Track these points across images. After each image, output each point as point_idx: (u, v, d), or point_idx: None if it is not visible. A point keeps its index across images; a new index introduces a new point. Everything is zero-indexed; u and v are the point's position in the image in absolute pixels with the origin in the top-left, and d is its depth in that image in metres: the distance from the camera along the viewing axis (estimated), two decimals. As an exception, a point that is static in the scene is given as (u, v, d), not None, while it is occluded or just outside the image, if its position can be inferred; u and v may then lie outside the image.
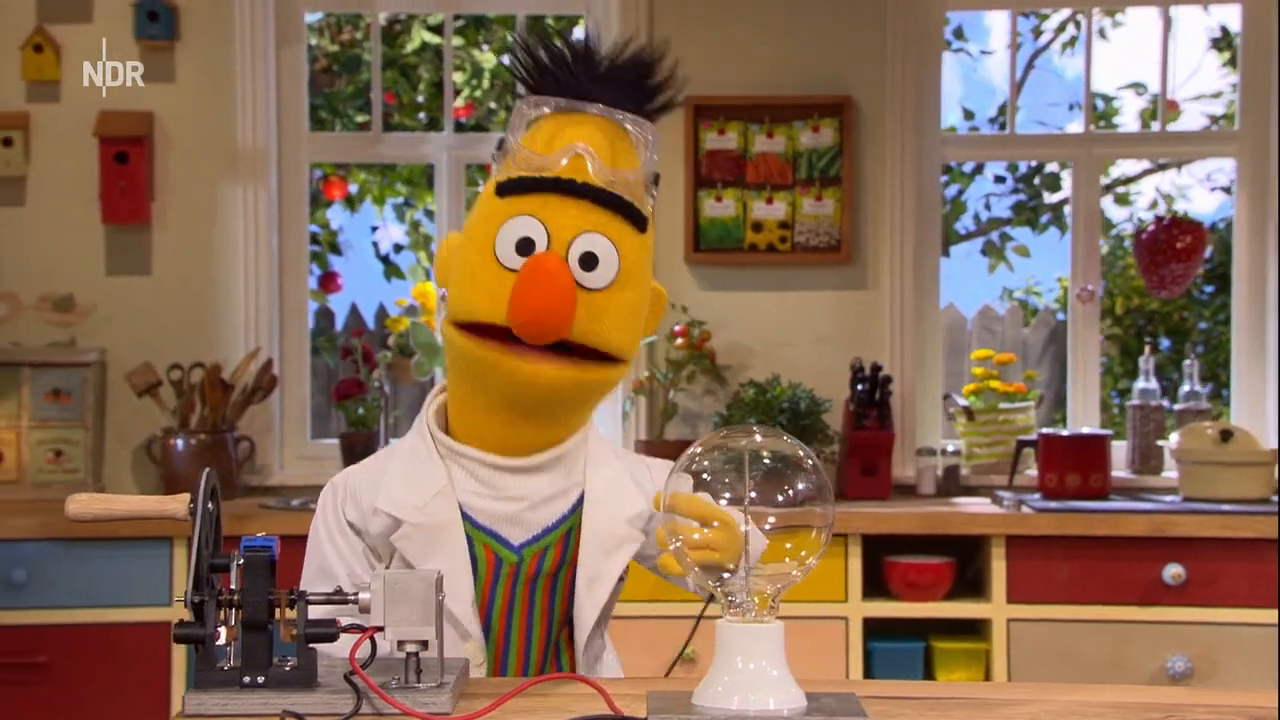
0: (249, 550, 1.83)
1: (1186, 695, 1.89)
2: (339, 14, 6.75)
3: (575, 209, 2.11)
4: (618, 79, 2.19)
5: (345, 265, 7.98)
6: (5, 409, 4.63)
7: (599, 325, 2.13)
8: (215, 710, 1.78)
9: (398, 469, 2.22)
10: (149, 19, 4.78)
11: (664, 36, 2.27)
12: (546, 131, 2.17)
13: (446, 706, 1.79)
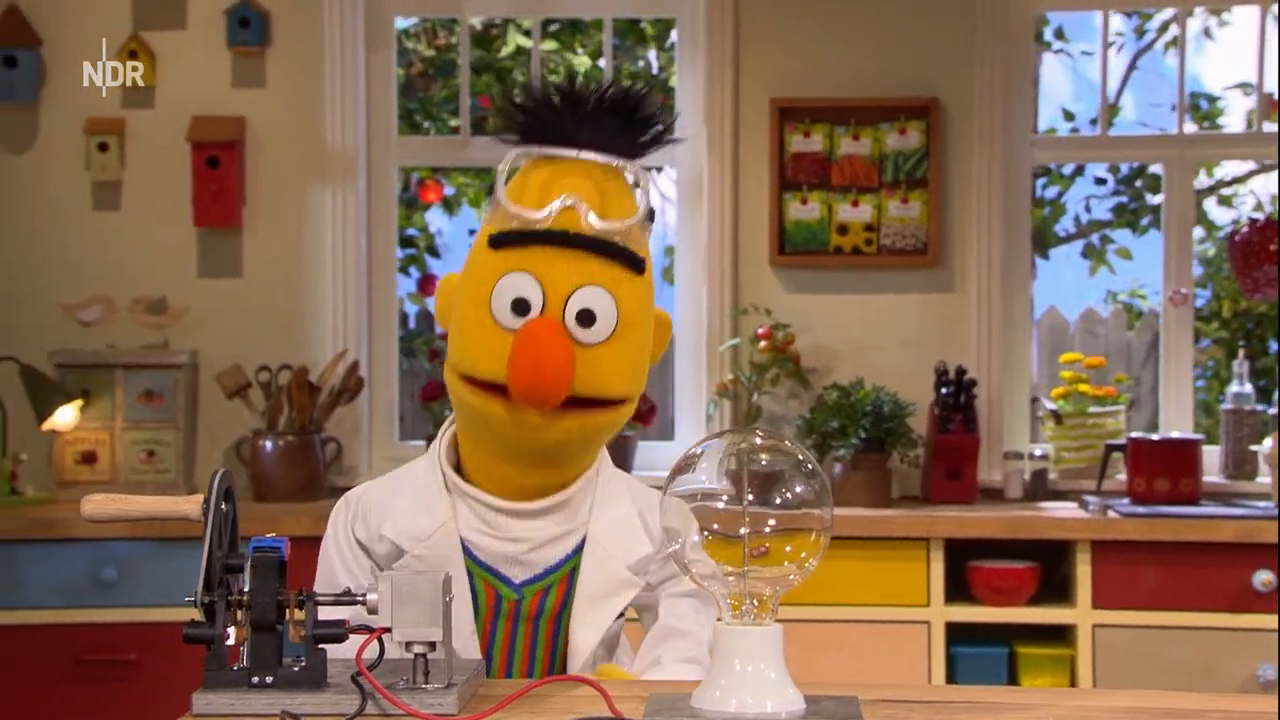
0: (258, 551, 1.84)
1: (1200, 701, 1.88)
2: (434, 19, 6.82)
3: (569, 261, 2.11)
4: (605, 117, 2.17)
5: (444, 268, 8.05)
6: (99, 410, 4.73)
7: (599, 378, 2.14)
8: (223, 710, 1.81)
9: (406, 497, 2.24)
10: (240, 25, 4.87)
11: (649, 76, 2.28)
12: (536, 182, 2.16)
13: (453, 708, 1.80)
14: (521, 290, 2.11)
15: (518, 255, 2.11)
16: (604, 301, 2.12)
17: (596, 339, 2.12)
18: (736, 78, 4.96)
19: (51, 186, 4.92)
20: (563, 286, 2.11)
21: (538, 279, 2.11)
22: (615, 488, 2.28)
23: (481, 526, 2.21)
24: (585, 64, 7.06)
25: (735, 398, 4.89)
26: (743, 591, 1.77)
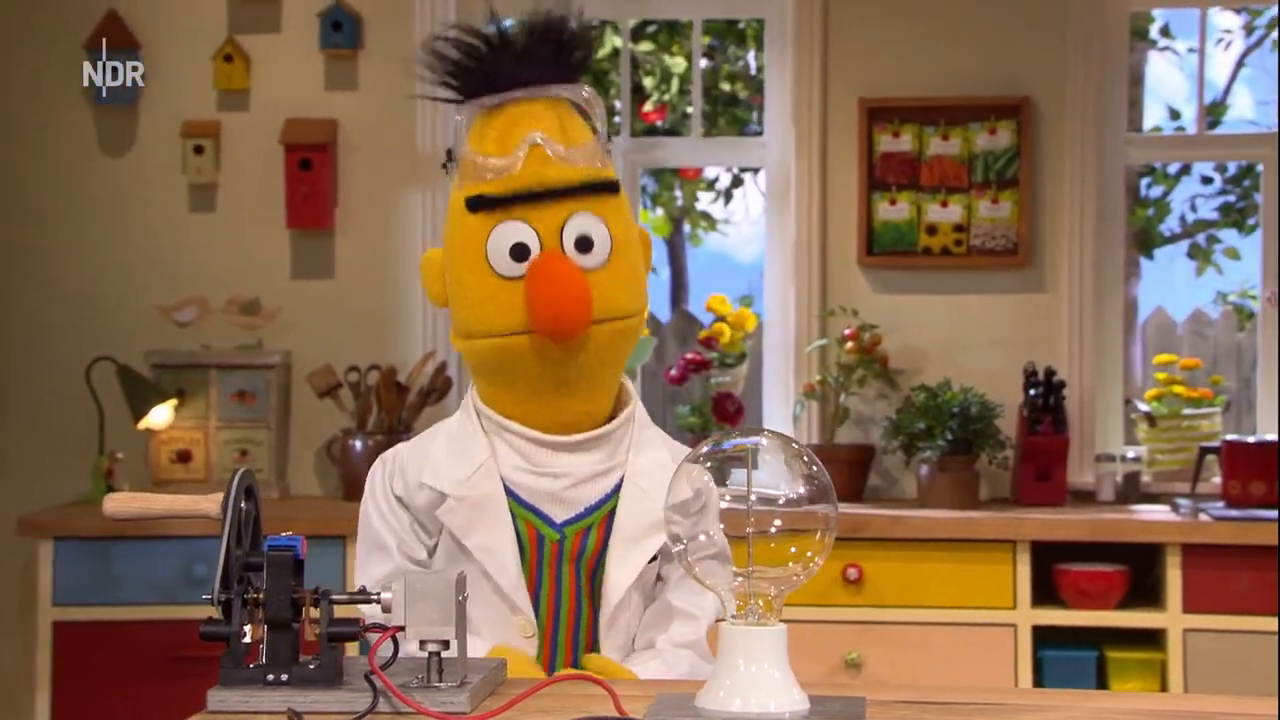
0: (272, 549, 1.87)
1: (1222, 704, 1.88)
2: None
3: (551, 202, 2.17)
4: (538, 51, 2.22)
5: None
6: (194, 409, 4.82)
7: (609, 299, 2.19)
8: (238, 707, 1.83)
9: (443, 445, 2.27)
10: (333, 28, 4.94)
11: None
12: (495, 130, 2.20)
13: (465, 706, 1.81)
14: (516, 236, 2.16)
15: (502, 211, 2.17)
16: (597, 227, 2.19)
17: (597, 262, 2.19)
18: (825, 78, 4.97)
19: (149, 189, 5.02)
20: (553, 221, 2.17)
21: (527, 222, 2.16)
22: (651, 433, 2.31)
23: (521, 463, 2.23)
24: (681, 65, 7.10)
25: (822, 399, 4.90)
26: (747, 592, 1.78)
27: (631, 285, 2.24)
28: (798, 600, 4.43)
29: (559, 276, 2.13)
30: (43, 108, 5.03)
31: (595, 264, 2.18)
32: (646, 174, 7.67)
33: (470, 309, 2.21)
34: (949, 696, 1.95)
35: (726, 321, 5.07)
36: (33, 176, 5.04)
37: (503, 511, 2.22)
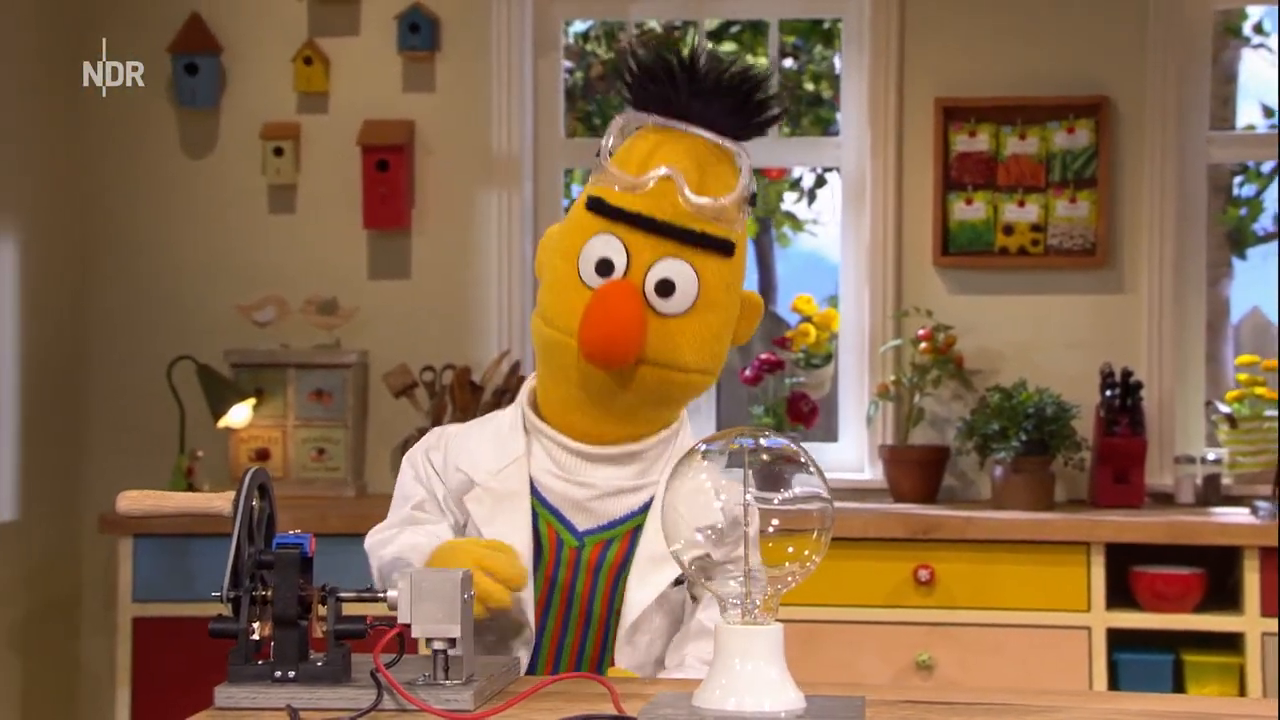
0: (280, 547, 1.89)
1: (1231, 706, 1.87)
2: (612, 22, 6.91)
3: (658, 237, 2.16)
4: (720, 95, 2.19)
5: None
6: (272, 408, 4.89)
7: (672, 348, 2.18)
8: (244, 703, 1.85)
9: (489, 434, 2.31)
10: (411, 31, 4.99)
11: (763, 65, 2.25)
12: (641, 150, 2.20)
13: (469, 704, 1.82)
14: (607, 251, 2.17)
15: (609, 223, 2.18)
16: (686, 275, 2.17)
17: (675, 310, 2.17)
18: (901, 78, 4.96)
19: (229, 190, 5.09)
20: (648, 255, 2.16)
21: (625, 243, 2.16)
22: None
23: (552, 468, 2.25)
24: (763, 65, 7.10)
25: (897, 399, 4.89)
26: (744, 591, 1.79)
27: (702, 345, 2.21)
28: (869, 601, 4.44)
29: (615, 307, 2.13)
30: (127, 111, 5.12)
31: (672, 311, 2.17)
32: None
33: (551, 293, 2.24)
34: (956, 696, 1.95)
35: (812, 322, 5.08)
36: (117, 179, 5.13)
37: (524, 509, 2.24)
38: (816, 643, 4.40)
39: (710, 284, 2.19)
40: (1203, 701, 1.89)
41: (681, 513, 1.82)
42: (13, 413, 4.86)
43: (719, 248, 2.19)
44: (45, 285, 5.00)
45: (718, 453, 1.85)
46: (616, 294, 2.14)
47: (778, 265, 9.09)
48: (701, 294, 2.18)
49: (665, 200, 2.17)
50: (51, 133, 5.04)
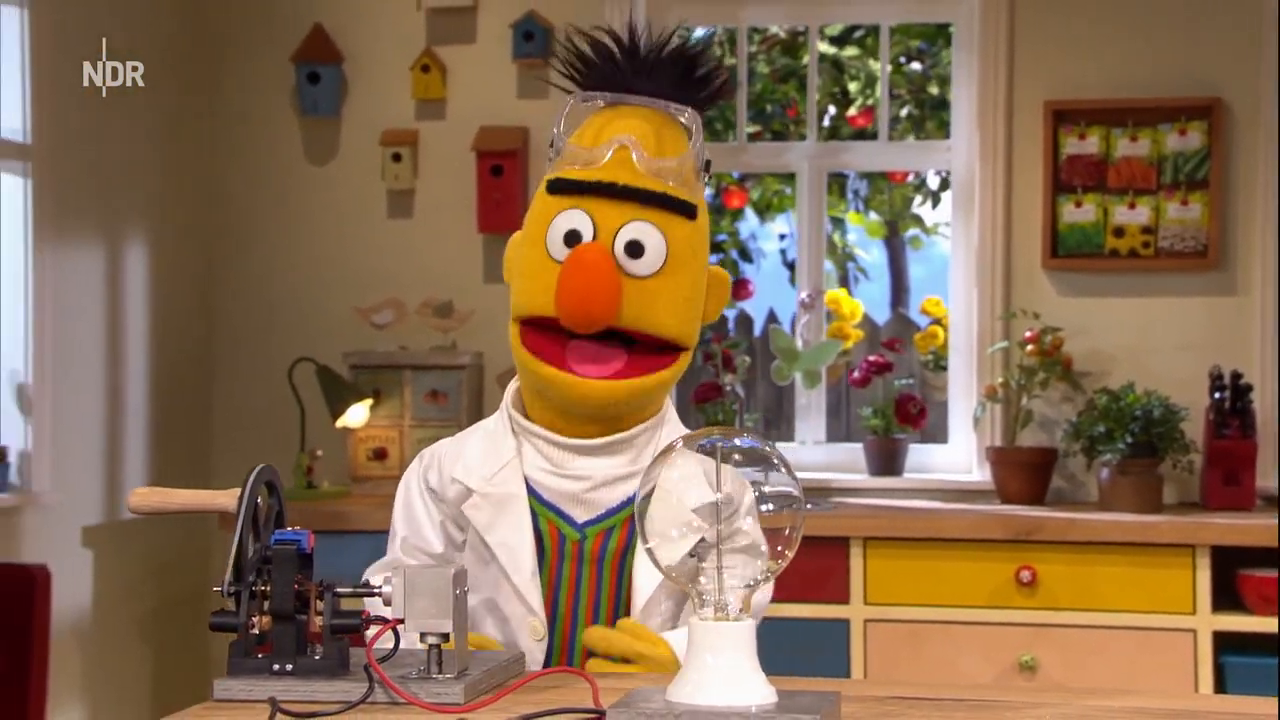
0: (278, 543, 1.91)
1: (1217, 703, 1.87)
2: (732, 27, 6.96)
3: (621, 203, 2.18)
4: (663, 70, 2.24)
5: (755, 272, 8.18)
6: (389, 408, 5.00)
7: (650, 311, 2.18)
8: (241, 695, 1.87)
9: (476, 443, 2.32)
10: (525, 39, 5.08)
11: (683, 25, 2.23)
12: (594, 126, 2.24)
13: (459, 697, 1.84)
14: (573, 223, 2.19)
15: (572, 199, 2.20)
16: (654, 236, 2.19)
17: (646, 270, 2.18)
18: (1010, 81, 4.96)
19: (350, 196, 5.21)
20: (614, 220, 2.18)
21: (589, 213, 2.18)
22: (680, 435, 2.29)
23: (545, 464, 2.26)
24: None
25: (1006, 402, 4.89)
26: (717, 587, 1.80)
27: (678, 309, 2.22)
28: (971, 601, 4.43)
29: (588, 265, 2.15)
30: (253, 119, 5.27)
31: (642, 271, 2.19)
32: (860, 178, 7.71)
33: (521, 284, 2.25)
34: (935, 693, 1.97)
35: (941, 324, 5.10)
36: (242, 185, 5.27)
37: (523, 510, 2.25)
38: (920, 642, 4.42)
39: (677, 246, 2.21)
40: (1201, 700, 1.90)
41: (676, 496, 1.85)
42: (143, 412, 5.03)
43: (681, 209, 2.22)
44: (174, 288, 5.16)
45: (693, 451, 1.87)
46: (588, 254, 2.16)
47: (911, 268, 9.09)
48: (670, 255, 2.20)
49: (624, 168, 2.20)
50: (181, 140, 5.19)
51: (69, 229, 4.72)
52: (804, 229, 5.24)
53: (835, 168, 5.34)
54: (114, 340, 4.93)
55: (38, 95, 4.58)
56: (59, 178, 4.66)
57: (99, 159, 4.83)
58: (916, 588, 4.44)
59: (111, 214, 4.93)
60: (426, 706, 1.82)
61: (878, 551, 4.44)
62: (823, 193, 5.21)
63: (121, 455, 4.95)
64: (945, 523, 4.49)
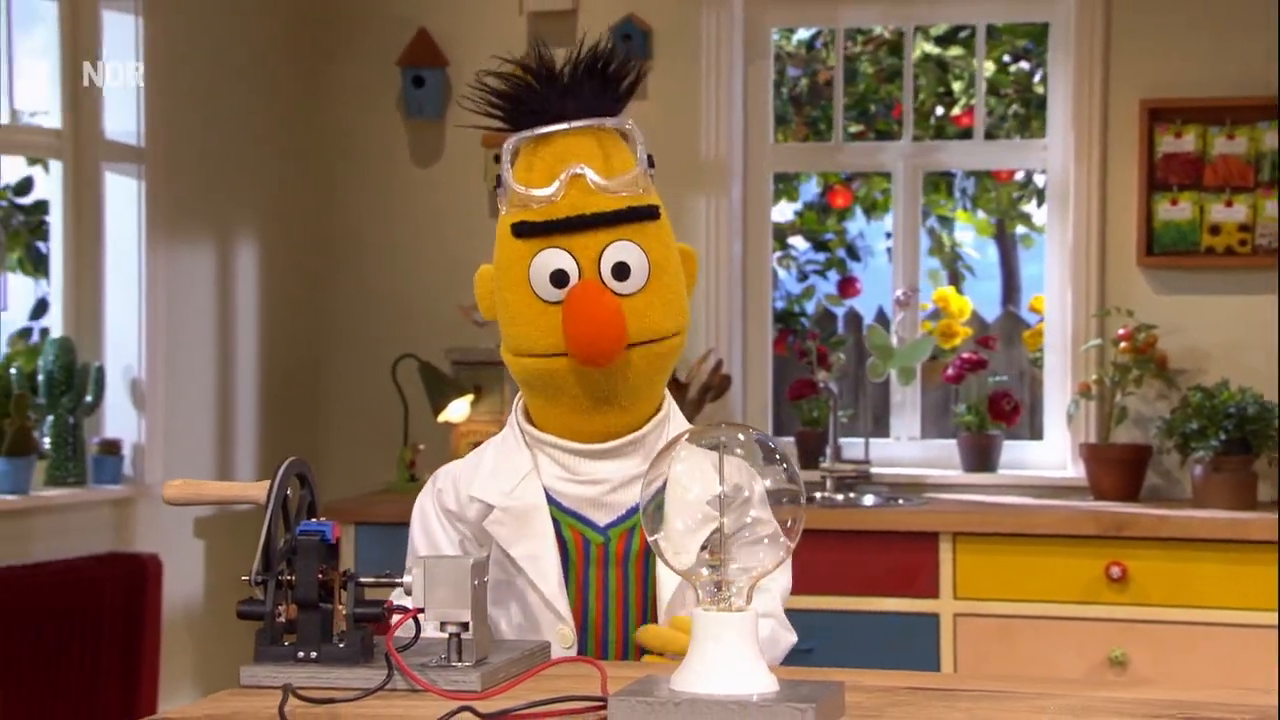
0: (302, 534, 1.96)
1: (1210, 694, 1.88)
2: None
3: (591, 231, 2.22)
4: (583, 85, 2.28)
5: (864, 271, 8.18)
6: (489, 404, 5.07)
7: (647, 322, 2.24)
8: (266, 681, 1.92)
9: (490, 460, 2.35)
10: (624, 40, 5.14)
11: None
12: (542, 161, 2.26)
13: (476, 685, 1.88)
14: (556, 264, 2.22)
15: (544, 239, 2.23)
16: (633, 253, 2.23)
17: (634, 288, 2.23)
18: (1106, 80, 4.94)
19: (453, 197, 5.30)
20: (592, 250, 2.22)
21: (567, 250, 2.22)
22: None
23: (561, 473, 2.29)
24: (990, 69, 7.09)
25: (1101, 399, 4.88)
26: (720, 579, 1.83)
27: (669, 307, 2.28)
28: (1062, 597, 4.43)
29: (593, 306, 2.19)
30: (359, 122, 5.37)
31: (632, 289, 2.23)
32: (966, 176, 7.69)
33: (515, 327, 2.29)
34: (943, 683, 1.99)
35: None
36: (348, 187, 5.38)
37: (545, 521, 2.28)
38: (1010, 637, 4.42)
39: (654, 251, 2.26)
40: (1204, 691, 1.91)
41: (688, 487, 1.87)
42: (252, 406, 5.14)
43: (647, 215, 2.26)
44: (282, 286, 5.27)
45: (698, 445, 1.90)
46: (586, 294, 2.20)
47: (1025, 267, 9.03)
48: (652, 264, 2.25)
49: (583, 195, 2.24)
50: (289, 143, 5.30)
51: (181, 229, 4.85)
52: (899, 228, 5.26)
53: (930, 167, 5.35)
54: (224, 336, 5.05)
55: (150, 100, 4.71)
56: (171, 180, 4.78)
57: (210, 161, 4.95)
58: (1007, 583, 4.44)
59: (222, 214, 5.05)
60: (442, 694, 1.85)
61: (968, 547, 4.45)
62: (918, 191, 5.22)
63: (232, 448, 5.07)
64: (1035, 518, 4.49)
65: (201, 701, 1.91)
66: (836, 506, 4.81)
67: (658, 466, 1.89)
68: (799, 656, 4.43)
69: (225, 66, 5.05)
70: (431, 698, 1.85)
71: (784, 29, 6.36)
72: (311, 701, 1.85)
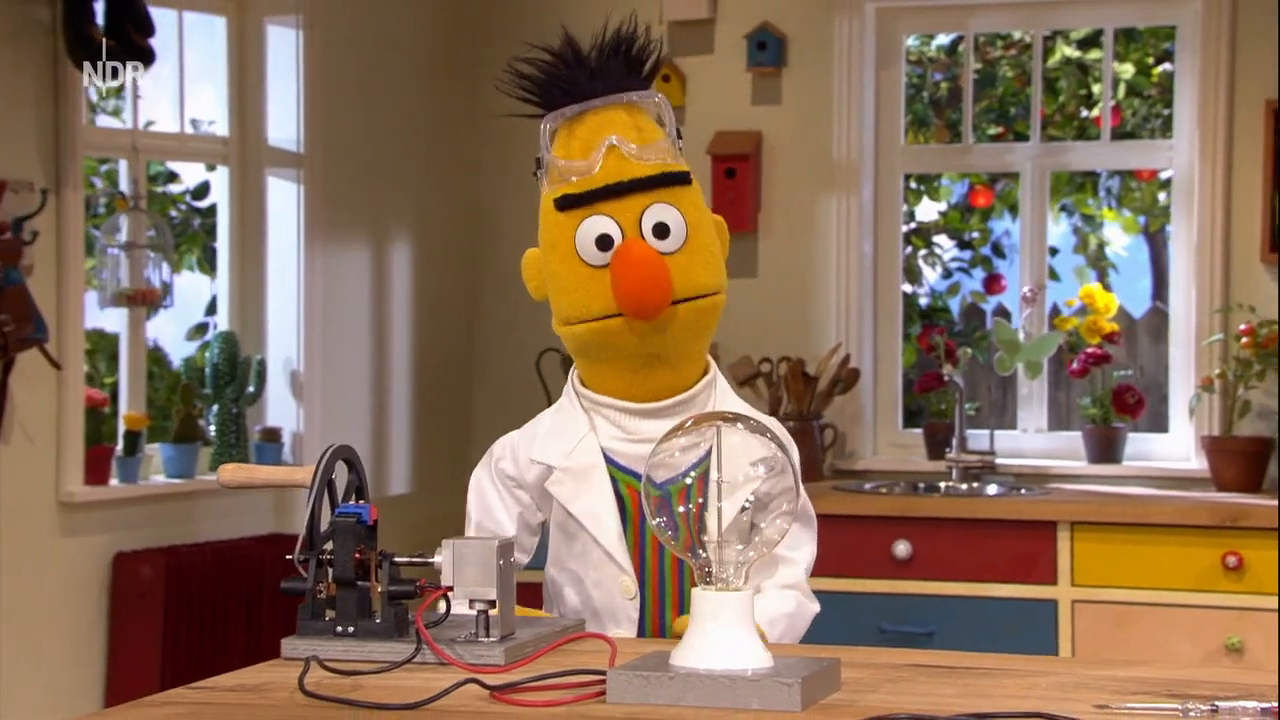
0: (339, 516, 2.02)
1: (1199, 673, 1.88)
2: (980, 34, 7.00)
3: (630, 196, 2.31)
4: (610, 64, 2.35)
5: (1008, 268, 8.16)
6: (629, 395, 5.20)
7: (691, 277, 2.31)
8: (305, 653, 1.97)
9: (548, 425, 2.43)
10: (758, 48, 5.20)
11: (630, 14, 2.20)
12: (578, 137, 2.35)
13: (500, 659, 1.93)
14: (600, 228, 2.31)
15: (587, 208, 2.32)
16: (671, 213, 2.32)
17: (675, 246, 2.31)
18: (1231, 80, 4.90)
19: (597, 198, 5.42)
20: (633, 212, 2.31)
21: (609, 215, 2.31)
22: (732, 402, 2.42)
23: (617, 433, 2.36)
24: (1129, 71, 7.06)
25: (1223, 392, 4.87)
26: (718, 560, 1.87)
27: (709, 265, 2.36)
28: (1178, 585, 4.44)
29: (640, 261, 2.27)
30: (512, 125, 5.47)
31: (673, 248, 2.31)
32: (1111, 175, 7.66)
33: (566, 296, 2.35)
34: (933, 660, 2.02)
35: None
36: (500, 188, 5.49)
37: (604, 479, 2.35)
38: (1128, 623, 4.42)
39: (689, 211, 2.35)
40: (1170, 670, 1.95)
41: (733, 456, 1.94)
42: (406, 396, 5.30)
43: (680, 180, 2.36)
44: (435, 284, 5.42)
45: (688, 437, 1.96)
46: (631, 251, 2.28)
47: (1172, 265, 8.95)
48: (688, 223, 2.33)
49: (620, 163, 2.32)
50: (443, 146, 5.45)
51: (338, 230, 5.02)
52: (1026, 226, 5.26)
53: (1057, 167, 5.35)
54: (379, 331, 5.21)
55: (309, 107, 4.90)
56: (329, 183, 4.95)
57: (365, 165, 5.10)
58: (1124, 570, 4.45)
59: (377, 215, 5.22)
60: (464, 667, 1.91)
61: (1085, 535, 4.46)
62: (1045, 191, 5.24)
63: (385, 436, 5.23)
64: (1151, 508, 4.49)
65: (241, 671, 1.97)
66: (960, 496, 4.83)
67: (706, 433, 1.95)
68: (921, 640, 4.52)
69: (380, 75, 5.21)
70: (455, 671, 1.89)
71: (924, 35, 6.41)
72: (339, 673, 1.90)
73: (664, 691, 1.76)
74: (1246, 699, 1.70)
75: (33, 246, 4.16)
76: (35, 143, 4.23)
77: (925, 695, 1.82)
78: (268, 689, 1.88)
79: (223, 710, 1.80)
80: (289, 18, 4.87)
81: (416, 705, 1.76)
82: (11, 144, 4.18)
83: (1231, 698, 1.70)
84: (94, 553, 4.39)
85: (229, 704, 1.82)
